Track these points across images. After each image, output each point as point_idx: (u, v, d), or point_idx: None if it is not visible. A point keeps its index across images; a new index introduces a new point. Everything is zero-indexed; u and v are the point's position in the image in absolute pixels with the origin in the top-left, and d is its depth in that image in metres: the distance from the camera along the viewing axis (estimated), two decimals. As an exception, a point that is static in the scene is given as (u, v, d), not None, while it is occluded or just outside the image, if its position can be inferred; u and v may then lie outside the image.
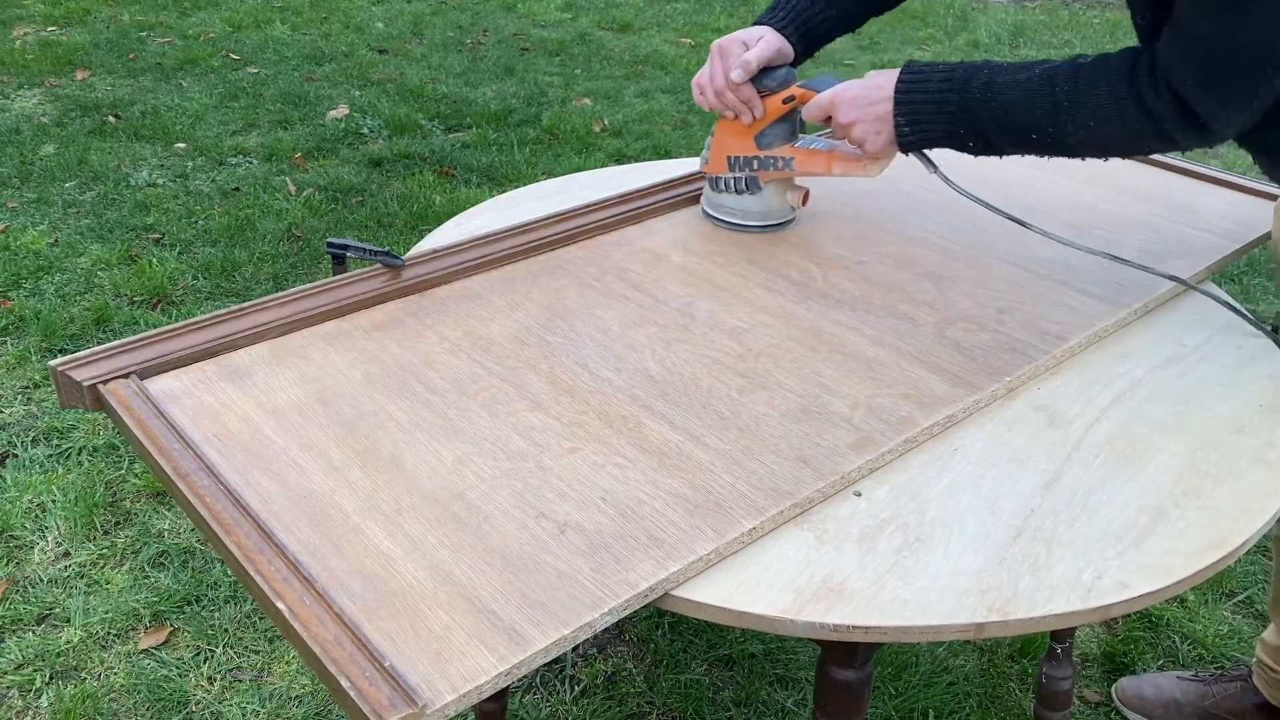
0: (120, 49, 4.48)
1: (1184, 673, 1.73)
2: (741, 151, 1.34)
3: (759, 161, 1.33)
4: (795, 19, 1.32)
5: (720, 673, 1.78)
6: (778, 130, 1.32)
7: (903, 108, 1.16)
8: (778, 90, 1.29)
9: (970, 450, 1.01)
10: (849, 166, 1.28)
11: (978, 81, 1.12)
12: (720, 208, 1.39)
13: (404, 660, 0.74)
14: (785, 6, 1.33)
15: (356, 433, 0.99)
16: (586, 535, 0.87)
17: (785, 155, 1.32)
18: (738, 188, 1.36)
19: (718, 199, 1.39)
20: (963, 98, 1.13)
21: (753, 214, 1.37)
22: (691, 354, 1.12)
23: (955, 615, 0.82)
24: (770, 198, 1.36)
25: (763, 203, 1.36)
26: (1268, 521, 0.94)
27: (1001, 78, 1.12)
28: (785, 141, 1.33)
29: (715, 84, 1.29)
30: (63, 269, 2.87)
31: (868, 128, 1.19)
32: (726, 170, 1.36)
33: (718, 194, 1.38)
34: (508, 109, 4.04)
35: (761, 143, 1.33)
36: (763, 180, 1.34)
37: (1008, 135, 1.13)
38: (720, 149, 1.36)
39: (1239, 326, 1.22)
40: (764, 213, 1.37)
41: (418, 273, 1.23)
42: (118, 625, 1.83)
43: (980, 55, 4.91)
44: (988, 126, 1.13)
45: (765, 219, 1.37)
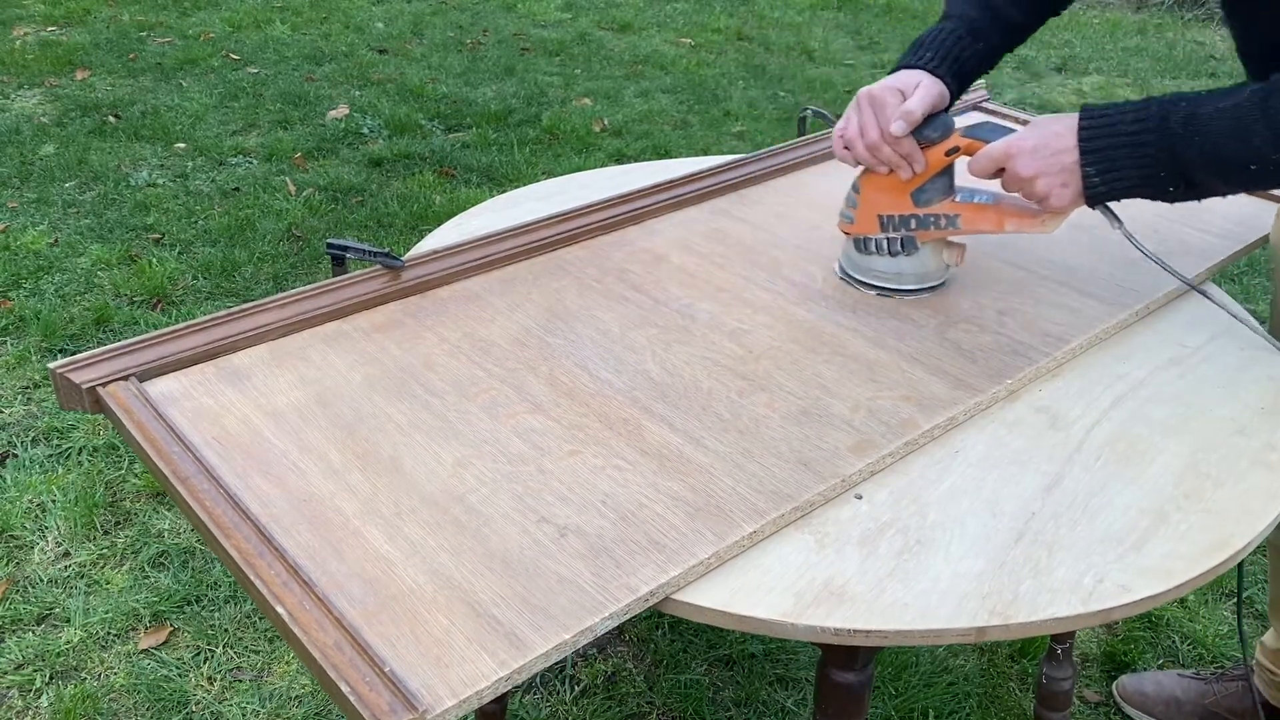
0: (120, 49, 4.47)
1: (1185, 670, 1.73)
2: (897, 210, 1.20)
3: (917, 220, 1.19)
4: (947, 58, 1.20)
5: (720, 673, 1.78)
6: (937, 185, 1.18)
7: (1091, 156, 1.05)
8: (939, 141, 1.15)
9: (971, 453, 1.01)
10: (1024, 223, 1.14)
11: (1176, 116, 1.01)
12: (870, 272, 1.24)
13: (404, 665, 0.74)
14: (932, 46, 1.21)
15: (356, 435, 0.99)
16: (587, 539, 0.86)
17: (948, 212, 1.18)
18: (891, 249, 1.21)
19: (865, 262, 1.24)
20: (1161, 136, 1.02)
21: (908, 277, 1.23)
22: (692, 356, 1.12)
23: (956, 619, 0.82)
24: (927, 258, 1.22)
25: (919, 264, 1.22)
26: (1269, 524, 0.94)
27: (1203, 109, 1.01)
28: (945, 196, 1.18)
29: (868, 138, 1.16)
30: (63, 269, 2.86)
31: (1052, 180, 1.07)
32: (878, 230, 1.21)
33: (865, 256, 1.24)
34: (508, 109, 4.03)
35: (920, 199, 1.18)
36: (920, 240, 1.21)
37: (1218, 171, 1.02)
38: (870, 207, 1.21)
39: (1240, 328, 1.22)
40: (920, 275, 1.23)
41: (417, 274, 1.23)
42: (118, 625, 1.83)
43: (980, 54, 4.90)
44: (1194, 165, 1.02)
45: (922, 281, 1.23)
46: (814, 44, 4.92)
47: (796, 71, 4.56)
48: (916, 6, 5.55)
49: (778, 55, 4.79)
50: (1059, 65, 4.76)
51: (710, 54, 4.76)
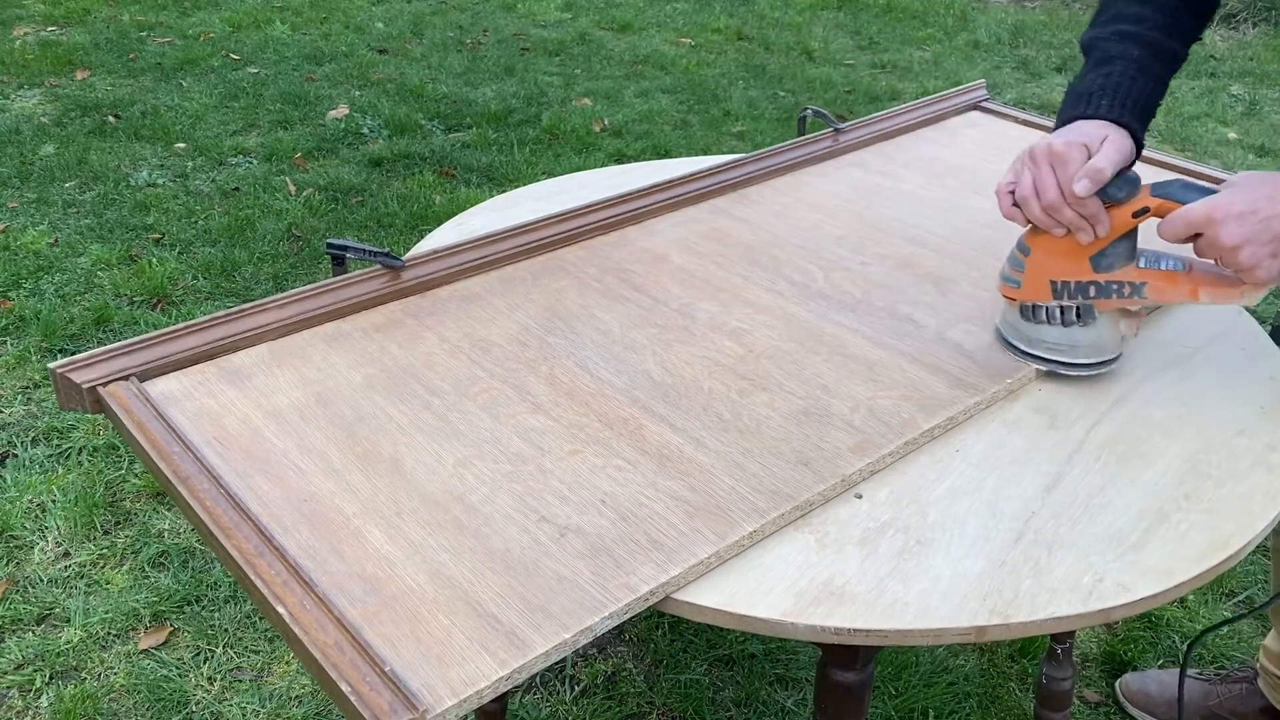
0: (120, 49, 4.47)
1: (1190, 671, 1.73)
2: (1074, 276, 1.07)
3: (1098, 287, 1.06)
4: (1128, 103, 1.07)
5: (720, 673, 1.78)
6: (1120, 249, 1.05)
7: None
8: (1126, 201, 1.02)
9: (971, 452, 1.01)
10: (1221, 293, 1.02)
11: None
12: (1038, 343, 1.11)
13: (404, 665, 0.74)
14: (1106, 93, 1.08)
15: (356, 435, 0.99)
16: (587, 538, 0.87)
17: (1134, 279, 1.05)
18: (1066, 319, 1.09)
19: (1034, 331, 1.11)
20: None
21: (1082, 349, 1.10)
22: (692, 355, 1.12)
23: (956, 618, 0.82)
24: (1104, 329, 1.09)
25: (1095, 335, 1.09)
26: (1269, 524, 0.94)
27: None
28: (1128, 261, 1.05)
29: (1046, 198, 1.03)
30: (63, 269, 2.86)
31: (1261, 250, 0.96)
32: (1050, 297, 1.08)
33: (1033, 325, 1.11)
34: (508, 109, 4.03)
35: (1100, 265, 1.05)
36: (1099, 309, 1.08)
37: None
38: (1041, 271, 1.08)
39: (1240, 328, 1.22)
40: (1096, 347, 1.10)
41: (417, 274, 1.23)
42: (118, 625, 1.83)
43: (981, 55, 4.92)
44: None
45: (1097, 354, 1.10)
46: (814, 44, 4.92)
47: (796, 71, 4.56)
48: (916, 6, 5.55)
49: (778, 55, 4.79)
50: (1059, 65, 4.76)
51: (710, 54, 4.76)
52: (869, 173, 1.54)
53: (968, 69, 4.70)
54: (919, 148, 1.62)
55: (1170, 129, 4.08)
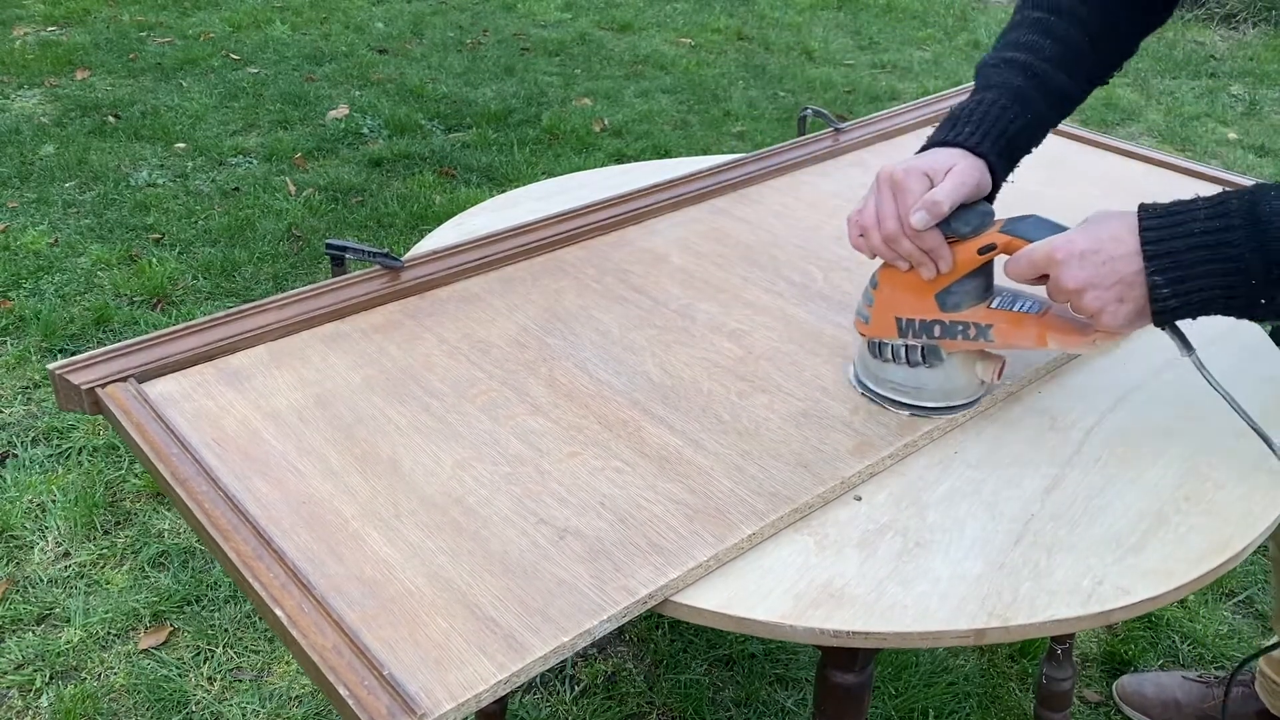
0: (120, 49, 4.47)
1: (1188, 673, 1.72)
2: (918, 314, 1.00)
3: (942, 328, 0.99)
4: (990, 133, 0.99)
5: (720, 673, 1.78)
6: (968, 286, 0.98)
7: (1158, 262, 0.85)
8: (971, 236, 0.96)
9: (970, 454, 1.01)
10: (1070, 341, 0.94)
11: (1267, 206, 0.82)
12: (884, 383, 1.04)
13: (403, 668, 0.74)
14: (970, 120, 1.00)
15: (355, 436, 0.99)
16: (586, 541, 0.86)
17: (980, 321, 0.98)
18: (911, 358, 1.01)
19: (880, 370, 1.04)
20: (1252, 233, 0.82)
21: (929, 392, 1.03)
22: (692, 357, 1.12)
23: (955, 621, 0.82)
24: (954, 371, 1.02)
25: (944, 378, 1.02)
26: (1269, 526, 0.93)
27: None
28: (977, 301, 0.98)
29: (885, 228, 0.96)
30: (63, 269, 2.86)
31: (1105, 295, 0.88)
32: (895, 335, 1.02)
33: (880, 363, 1.04)
34: (508, 109, 4.03)
35: (946, 303, 0.99)
36: (946, 350, 1.01)
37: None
38: (887, 307, 1.02)
39: (1240, 328, 1.22)
40: (945, 391, 1.03)
41: (417, 274, 1.23)
42: (118, 625, 1.83)
43: (980, 55, 4.91)
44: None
45: (946, 399, 1.03)
46: (814, 44, 4.92)
47: (796, 71, 4.56)
48: (916, 6, 5.55)
49: (778, 55, 4.78)
50: (1059, 65, 4.75)
51: (710, 54, 4.76)
52: (869, 173, 1.54)
53: (968, 69, 4.70)
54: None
55: (1170, 129, 4.07)
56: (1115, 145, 1.65)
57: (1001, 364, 1.03)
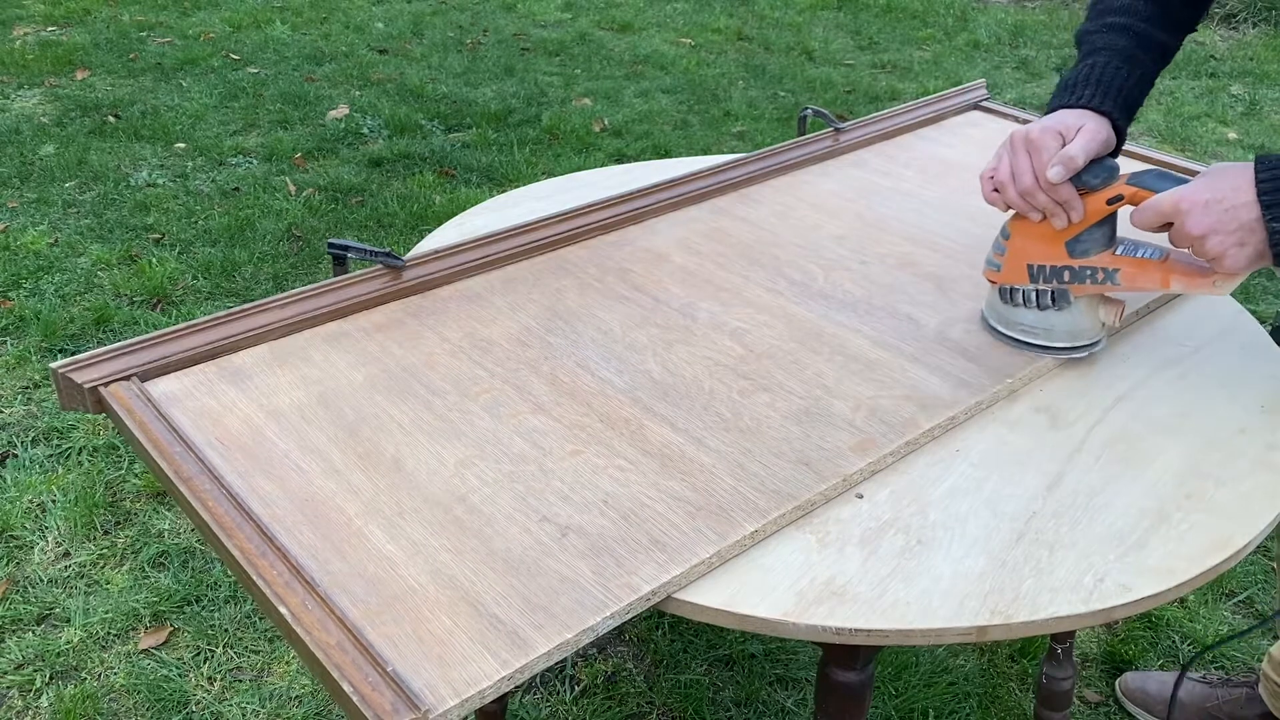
0: (120, 49, 4.47)
1: (1192, 673, 1.72)
2: (1049, 260, 1.10)
3: (1071, 273, 1.09)
4: (1108, 93, 1.09)
5: (720, 673, 1.78)
6: (1096, 235, 1.08)
7: (1276, 210, 0.95)
8: (1101, 188, 1.05)
9: (972, 452, 1.01)
10: (1193, 283, 1.04)
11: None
12: (1015, 325, 1.14)
13: (406, 665, 0.74)
14: (1090, 83, 1.10)
15: (358, 435, 0.99)
16: (588, 538, 0.87)
17: (1107, 265, 1.08)
18: (1041, 302, 1.11)
19: (1011, 314, 1.14)
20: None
21: (1058, 333, 1.13)
22: (693, 355, 1.12)
23: (957, 618, 0.82)
24: (1080, 314, 1.12)
25: (1071, 320, 1.12)
26: (1270, 523, 0.94)
27: None
28: (1104, 248, 1.08)
29: (1022, 182, 1.07)
30: (63, 269, 2.86)
31: (1228, 239, 0.97)
32: (1026, 280, 1.12)
33: (1011, 308, 1.14)
34: (508, 109, 4.03)
35: (1075, 250, 1.08)
36: (1074, 294, 1.11)
37: None
38: (1019, 255, 1.12)
39: (1240, 327, 1.22)
40: (1072, 332, 1.13)
41: (418, 273, 1.23)
42: (118, 625, 1.83)
43: (981, 55, 4.92)
44: None
45: (1073, 339, 1.13)
46: (814, 44, 4.92)
47: (796, 71, 4.56)
48: (916, 6, 5.55)
49: (778, 55, 4.79)
50: (1059, 65, 4.76)
51: (710, 54, 4.76)
52: (869, 172, 1.54)
53: (968, 69, 4.70)
54: (919, 147, 1.62)
55: (1170, 129, 4.08)
56: (1115, 145, 1.65)
57: (1122, 307, 1.13)
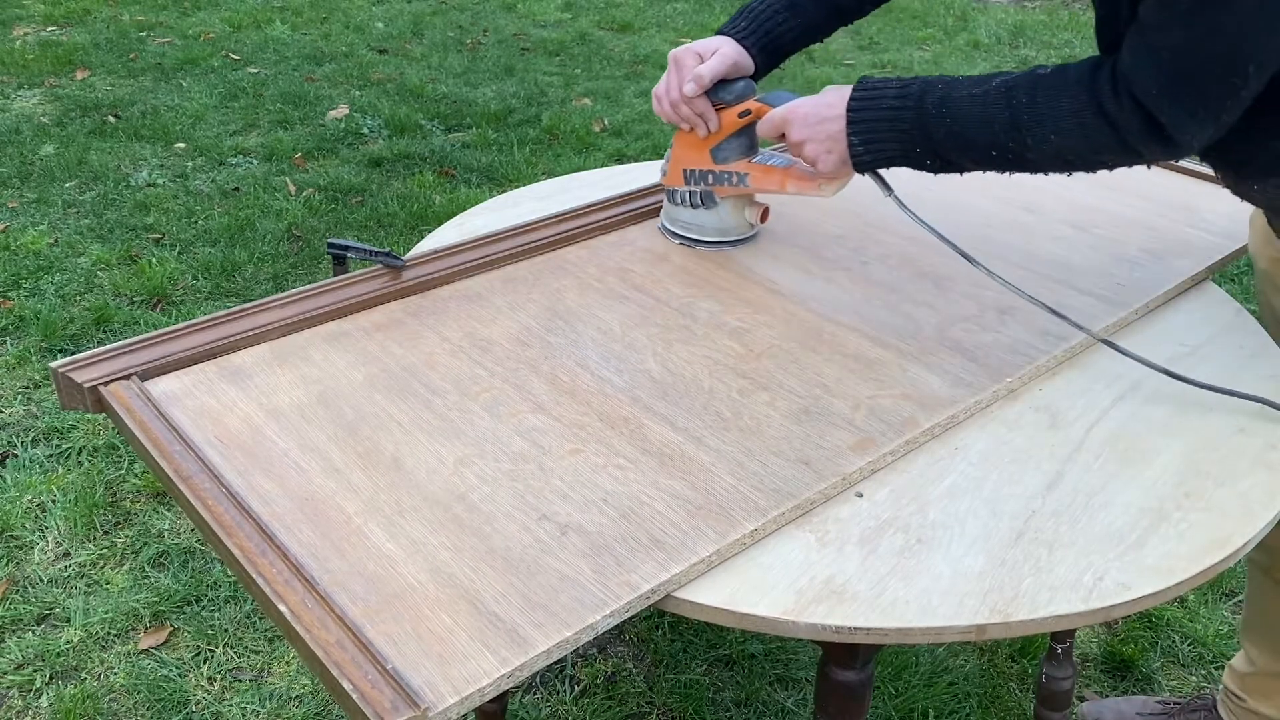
0: (120, 49, 4.47)
1: (1150, 698, 1.70)
2: (697, 165, 1.29)
3: (714, 176, 1.29)
4: (756, 30, 1.28)
5: (720, 673, 1.78)
6: (735, 144, 1.28)
7: (856, 126, 1.11)
8: (734, 104, 1.25)
9: (971, 451, 1.01)
10: (803, 185, 1.23)
11: (932, 97, 1.07)
12: (676, 222, 1.34)
13: (406, 663, 0.74)
14: (748, 16, 1.28)
15: (358, 434, 0.99)
16: (588, 537, 0.87)
17: (740, 170, 1.28)
18: (693, 202, 1.31)
19: (675, 212, 1.34)
20: (917, 115, 1.07)
21: (708, 229, 1.33)
22: (693, 354, 1.12)
23: (957, 617, 0.82)
24: (726, 214, 1.32)
25: (718, 219, 1.32)
26: (1269, 522, 0.94)
27: (957, 92, 1.06)
28: (743, 156, 1.28)
29: (670, 96, 1.26)
30: (63, 269, 2.86)
31: (819, 147, 1.14)
32: (683, 183, 1.31)
33: (675, 207, 1.34)
34: (508, 109, 4.04)
35: (718, 157, 1.28)
36: (719, 195, 1.30)
37: (966, 153, 1.07)
38: (677, 162, 1.31)
39: (1240, 327, 1.22)
40: (720, 229, 1.32)
41: (418, 273, 1.23)
42: (118, 625, 1.83)
43: (981, 55, 4.92)
44: (944, 144, 1.07)
45: (722, 235, 1.33)
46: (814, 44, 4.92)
47: (796, 71, 4.57)
48: (916, 6, 5.56)
49: (777, 55, 4.78)
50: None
51: (710, 54, 4.76)
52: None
53: (968, 69, 4.70)
54: (919, 147, 1.62)
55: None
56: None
57: (765, 210, 1.34)
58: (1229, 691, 1.57)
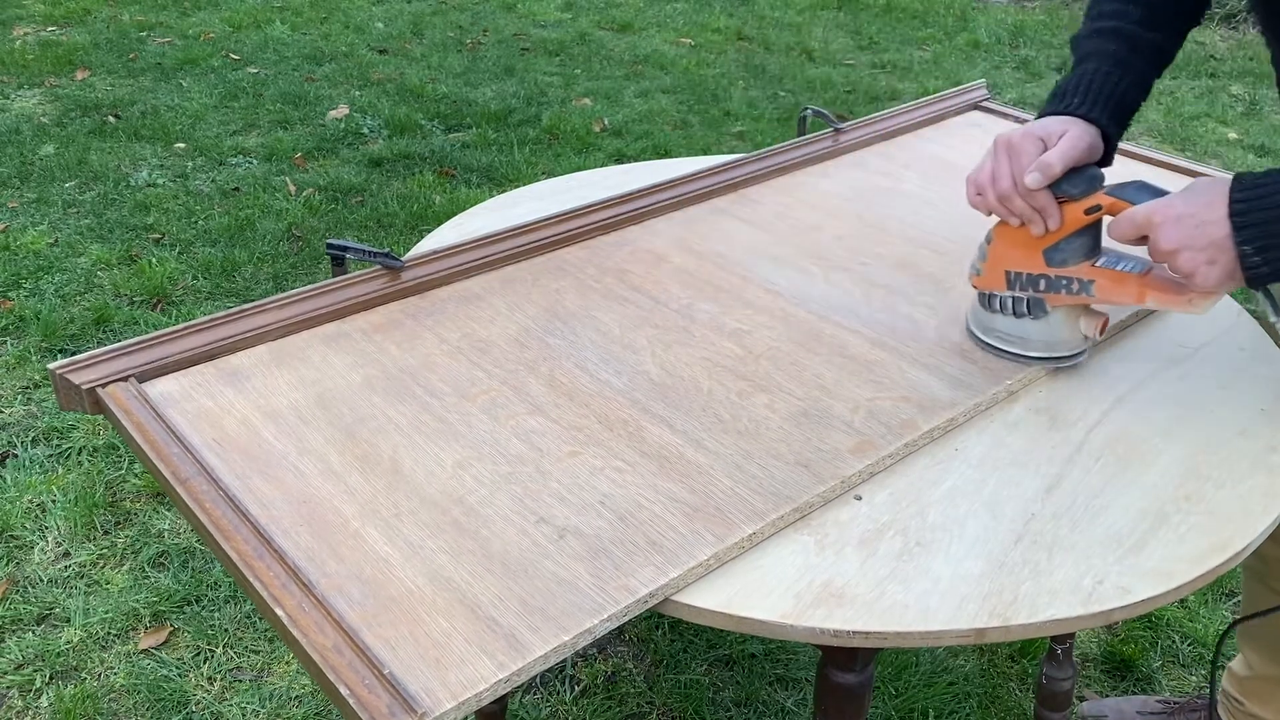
0: (120, 49, 4.47)
1: (1149, 698, 1.69)
2: (1026, 268, 1.08)
3: (1047, 282, 1.07)
4: (1102, 98, 1.07)
5: (720, 673, 1.78)
6: (1075, 245, 1.05)
7: (1247, 232, 0.92)
8: (1080, 198, 1.03)
9: (971, 453, 1.01)
10: (1169, 300, 1.02)
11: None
12: (992, 332, 1.13)
13: (403, 667, 0.74)
14: (1082, 89, 1.08)
15: (356, 436, 0.99)
16: (586, 540, 0.86)
17: (1083, 276, 1.05)
18: (1017, 310, 1.10)
19: (989, 320, 1.13)
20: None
21: (1034, 343, 1.11)
22: (692, 356, 1.12)
23: (956, 620, 0.82)
24: (1058, 325, 1.10)
25: (1048, 330, 1.10)
26: (1270, 525, 0.93)
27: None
28: (1084, 259, 1.06)
29: (1000, 187, 1.05)
30: (63, 269, 2.86)
31: (1198, 257, 0.94)
32: (1004, 287, 1.10)
33: (989, 314, 1.13)
34: (508, 109, 4.03)
35: (1054, 259, 1.06)
36: (1050, 304, 1.09)
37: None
38: (998, 261, 1.10)
39: (1240, 328, 1.22)
40: (1048, 343, 1.11)
41: (417, 274, 1.23)
42: (118, 625, 1.83)
43: (981, 55, 4.91)
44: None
45: (1049, 350, 1.11)
46: (814, 44, 4.92)
47: (796, 71, 4.56)
48: (916, 6, 5.55)
49: (778, 55, 4.78)
50: (1059, 65, 4.76)
51: (710, 54, 4.76)
52: (869, 173, 1.54)
53: (968, 69, 4.70)
54: (919, 148, 1.62)
55: (1170, 129, 4.08)
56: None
57: (1104, 320, 1.10)
58: (1228, 694, 1.56)
